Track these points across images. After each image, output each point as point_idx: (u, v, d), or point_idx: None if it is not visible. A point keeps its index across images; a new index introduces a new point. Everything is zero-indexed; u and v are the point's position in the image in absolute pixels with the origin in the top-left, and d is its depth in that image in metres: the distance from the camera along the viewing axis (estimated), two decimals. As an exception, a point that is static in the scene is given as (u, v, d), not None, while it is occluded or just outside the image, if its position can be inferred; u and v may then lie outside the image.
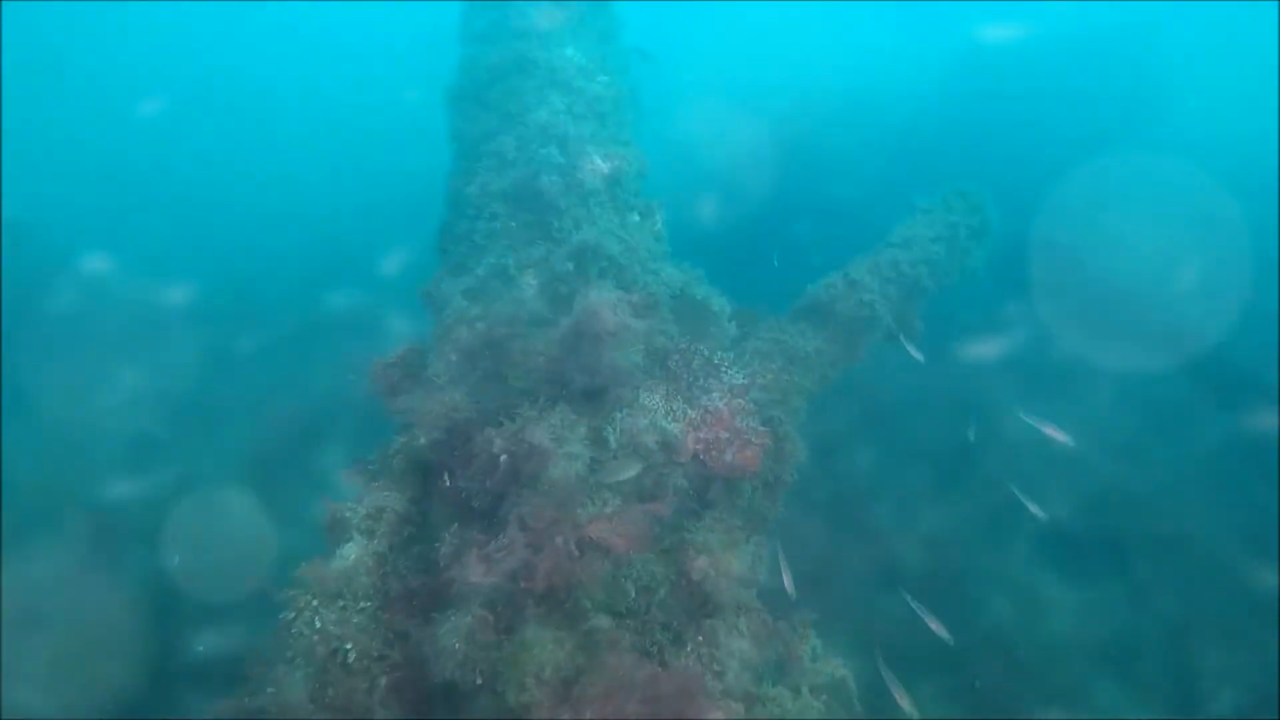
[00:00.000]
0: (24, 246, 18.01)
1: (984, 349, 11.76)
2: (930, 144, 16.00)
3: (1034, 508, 7.26)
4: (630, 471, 5.15)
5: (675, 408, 5.90)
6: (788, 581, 5.04)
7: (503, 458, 4.64)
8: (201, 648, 8.27)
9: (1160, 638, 9.06)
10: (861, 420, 11.10)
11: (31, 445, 12.56)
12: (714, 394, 6.09)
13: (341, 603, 4.53)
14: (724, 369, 6.32)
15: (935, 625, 6.43)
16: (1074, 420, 11.22)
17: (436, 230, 7.78)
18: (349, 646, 4.40)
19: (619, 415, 5.44)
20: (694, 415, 5.87)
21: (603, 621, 4.15)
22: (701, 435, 5.79)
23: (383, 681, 4.39)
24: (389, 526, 4.97)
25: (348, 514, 4.97)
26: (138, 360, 14.42)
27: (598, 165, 7.57)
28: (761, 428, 5.92)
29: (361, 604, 4.59)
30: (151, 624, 9.00)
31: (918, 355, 7.76)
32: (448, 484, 5.10)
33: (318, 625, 4.39)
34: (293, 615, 4.40)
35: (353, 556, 4.74)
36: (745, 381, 6.27)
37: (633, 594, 4.73)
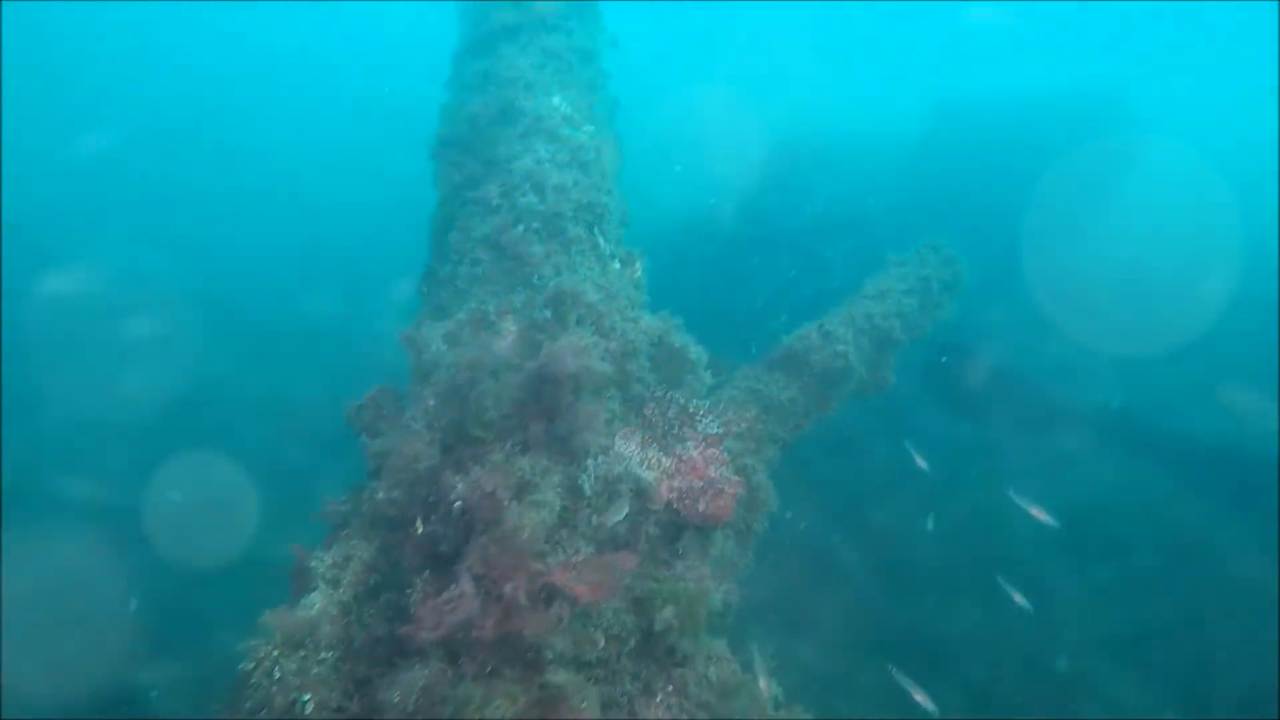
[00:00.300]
0: (20, 249, 18.05)
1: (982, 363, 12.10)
2: (909, 196, 16.38)
3: (1018, 597, 7.40)
4: (620, 514, 5.18)
5: (650, 455, 5.93)
6: (764, 684, 5.08)
7: (457, 504, 4.64)
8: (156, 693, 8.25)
9: (1163, 639, 9.12)
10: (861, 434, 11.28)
11: (27, 448, 12.55)
12: (689, 442, 6.12)
13: (302, 653, 4.49)
14: (699, 417, 6.36)
15: (920, 696, 6.46)
16: (1071, 420, 11.46)
17: (419, 275, 7.86)
18: (306, 698, 4.35)
19: (591, 463, 5.46)
20: (669, 463, 5.90)
21: (557, 675, 4.12)
22: (675, 484, 5.82)
23: (341, 733, 4.34)
24: (355, 575, 4.94)
25: (313, 563, 4.94)
26: (134, 366, 14.46)
27: (580, 213, 7.69)
28: (735, 477, 5.95)
29: (323, 654, 4.54)
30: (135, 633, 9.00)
31: (923, 464, 8.09)
32: (420, 531, 5.08)
33: (276, 675, 4.34)
34: (252, 665, 4.36)
35: (317, 606, 4.71)
36: (720, 430, 6.31)
37: (602, 643, 4.71)
